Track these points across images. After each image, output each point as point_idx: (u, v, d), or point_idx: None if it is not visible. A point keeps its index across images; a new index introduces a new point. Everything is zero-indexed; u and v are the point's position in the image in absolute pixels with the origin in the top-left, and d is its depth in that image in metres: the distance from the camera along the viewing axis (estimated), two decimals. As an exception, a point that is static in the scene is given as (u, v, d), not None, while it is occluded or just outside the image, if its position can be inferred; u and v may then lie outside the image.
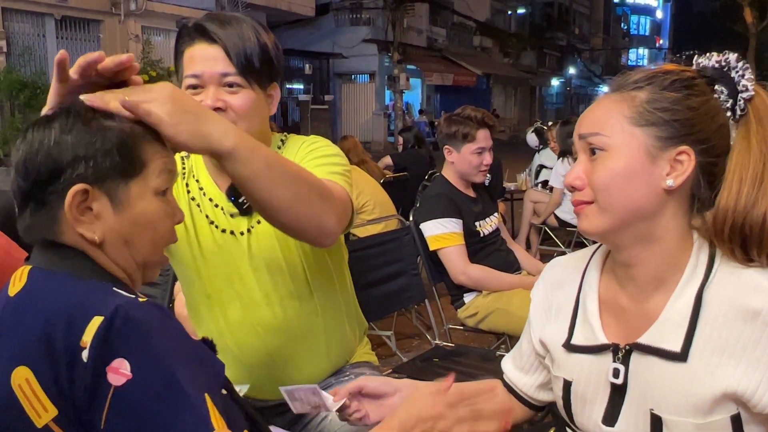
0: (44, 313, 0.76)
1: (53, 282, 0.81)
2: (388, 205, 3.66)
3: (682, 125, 0.89)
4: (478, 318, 2.42)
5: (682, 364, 0.89)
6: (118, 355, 0.72)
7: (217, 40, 1.18)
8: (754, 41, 19.84)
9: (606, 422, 0.97)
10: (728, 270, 0.90)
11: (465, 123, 2.42)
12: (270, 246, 1.27)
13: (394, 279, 2.34)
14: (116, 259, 0.85)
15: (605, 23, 41.65)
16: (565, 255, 1.16)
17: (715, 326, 0.88)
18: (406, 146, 5.69)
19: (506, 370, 1.19)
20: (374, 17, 19.92)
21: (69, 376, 0.73)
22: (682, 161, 0.89)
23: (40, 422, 0.74)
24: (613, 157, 0.90)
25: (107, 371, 0.72)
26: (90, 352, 0.72)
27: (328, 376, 1.40)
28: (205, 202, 1.30)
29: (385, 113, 20.30)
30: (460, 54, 23.63)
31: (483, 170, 2.45)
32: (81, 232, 0.81)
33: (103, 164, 0.81)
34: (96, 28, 11.93)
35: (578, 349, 1.01)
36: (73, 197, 0.79)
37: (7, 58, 10.31)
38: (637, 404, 0.94)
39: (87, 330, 0.73)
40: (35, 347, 0.74)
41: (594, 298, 1.02)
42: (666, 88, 0.91)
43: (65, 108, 0.84)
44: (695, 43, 19.27)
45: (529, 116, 27.81)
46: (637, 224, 0.92)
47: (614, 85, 0.95)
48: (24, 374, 0.74)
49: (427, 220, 2.40)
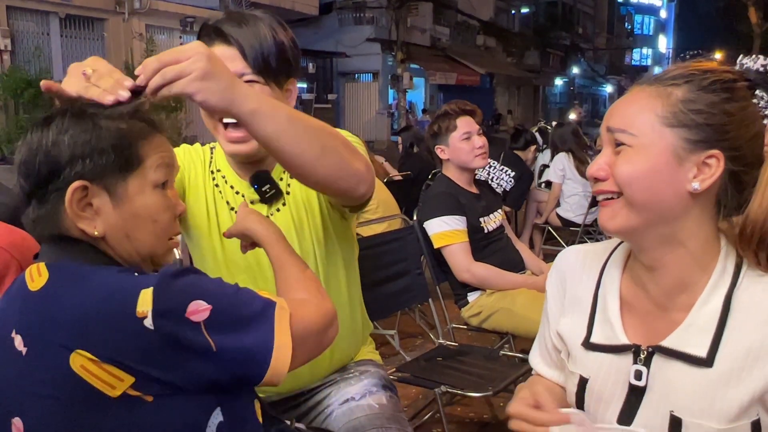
0: (86, 299, 0.80)
1: (78, 271, 0.84)
2: (392, 204, 3.65)
3: (715, 130, 0.86)
4: (481, 317, 2.42)
5: (707, 370, 0.88)
6: (189, 300, 0.80)
7: (233, 42, 1.20)
8: (758, 41, 19.76)
9: (621, 422, 0.96)
10: (756, 275, 0.89)
11: (444, 118, 2.48)
12: (287, 234, 1.28)
13: (398, 278, 2.34)
14: (120, 252, 0.89)
15: (609, 23, 41.55)
16: (581, 245, 1.13)
17: (744, 332, 0.87)
18: (405, 146, 5.69)
19: (542, 372, 1.15)
20: (378, 16, 19.89)
21: (136, 345, 0.78)
22: (711, 165, 0.87)
23: (115, 392, 0.78)
24: (638, 154, 0.88)
25: (188, 317, 0.80)
26: (156, 318, 0.78)
27: (333, 372, 1.40)
28: (227, 190, 1.33)
29: (388, 112, 20.28)
30: (463, 53, 23.59)
31: (479, 154, 2.45)
32: (82, 227, 0.86)
33: (99, 162, 0.85)
34: (100, 27, 11.94)
35: (597, 348, 1.00)
36: (72, 194, 0.84)
37: (12, 56, 10.33)
38: (656, 406, 0.93)
39: (139, 302, 0.78)
40: (86, 331, 0.78)
41: (615, 296, 1.00)
42: (704, 89, 0.87)
43: (62, 109, 0.88)
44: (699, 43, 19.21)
45: (533, 116, 27.77)
46: (661, 225, 0.90)
47: (652, 77, 0.92)
48: (82, 357, 0.78)
49: (430, 218, 2.41)
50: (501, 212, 2.59)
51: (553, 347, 1.11)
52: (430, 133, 2.55)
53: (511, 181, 4.66)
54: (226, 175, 1.35)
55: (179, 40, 13.43)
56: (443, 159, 2.50)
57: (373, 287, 2.16)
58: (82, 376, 0.78)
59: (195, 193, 1.33)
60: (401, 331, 3.00)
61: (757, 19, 19.64)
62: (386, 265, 2.31)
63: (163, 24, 12.88)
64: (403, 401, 2.03)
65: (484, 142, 2.47)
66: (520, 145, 5.12)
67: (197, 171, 1.35)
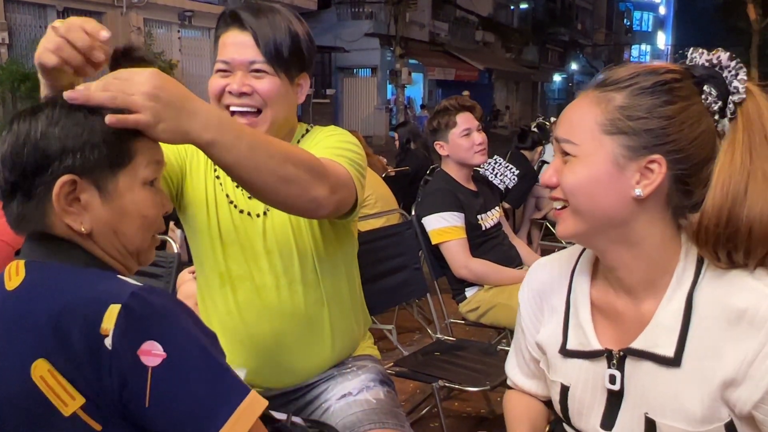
0: (56, 304, 0.76)
1: (56, 273, 0.82)
2: (390, 199, 3.65)
3: (653, 135, 0.85)
4: (479, 312, 2.43)
5: (676, 369, 0.88)
6: (147, 338, 0.74)
7: (248, 28, 1.22)
8: (757, 38, 19.74)
9: (604, 426, 0.96)
10: (716, 272, 0.88)
11: (443, 114, 2.46)
12: (283, 230, 1.30)
13: (396, 273, 2.34)
14: (106, 248, 0.86)
15: (608, 19, 41.51)
16: (548, 255, 1.14)
17: (706, 329, 0.86)
18: (402, 142, 5.69)
19: (520, 385, 1.16)
20: (376, 11, 19.86)
21: (93, 364, 0.73)
22: (653, 170, 0.86)
23: (67, 410, 0.74)
24: (580, 163, 0.88)
25: (139, 355, 0.73)
26: (114, 340, 0.73)
27: (331, 367, 1.40)
28: (227, 182, 1.33)
29: (386, 108, 20.27)
30: (462, 49, 23.56)
31: (478, 150, 2.44)
32: (68, 222, 0.82)
33: (90, 156, 0.81)
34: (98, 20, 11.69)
35: (573, 354, 1.00)
36: (60, 188, 0.80)
37: (9, 49, 10.30)
38: (632, 409, 0.93)
39: (105, 318, 0.73)
40: (52, 339, 0.74)
41: (585, 302, 1.00)
42: (643, 92, 0.86)
43: (51, 99, 0.84)
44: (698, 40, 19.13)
45: (531, 112, 27.76)
46: (611, 229, 0.90)
47: (598, 79, 0.91)
48: (44, 366, 0.74)
49: (429, 214, 2.41)
50: (499, 209, 2.59)
51: (531, 358, 1.11)
52: (429, 128, 2.54)
53: (514, 178, 4.69)
54: None
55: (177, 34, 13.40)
56: (442, 155, 2.50)
57: (371, 282, 2.16)
58: (39, 387, 0.74)
59: (195, 183, 1.34)
60: (399, 326, 3.00)
61: (755, 15, 19.62)
62: (384, 259, 2.31)
63: (161, 17, 12.85)
64: (401, 396, 2.03)
65: (484, 139, 2.47)
66: (528, 145, 5.12)
67: (199, 160, 1.35)
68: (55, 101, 0.84)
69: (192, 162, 1.34)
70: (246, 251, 1.31)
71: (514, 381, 1.18)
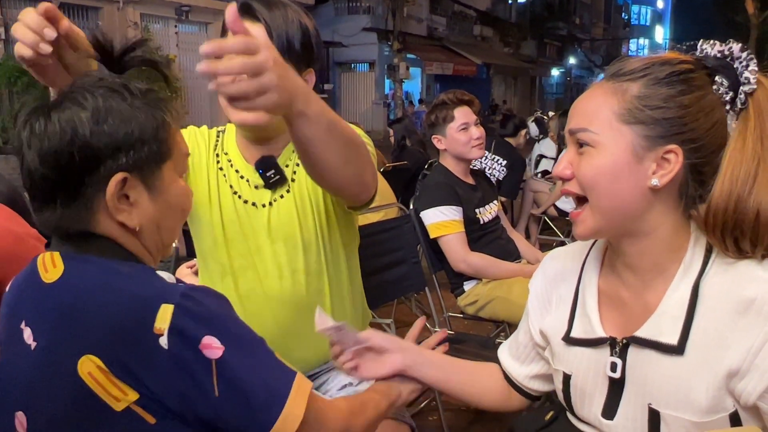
0: (105, 300, 0.77)
1: (98, 267, 0.81)
2: (388, 193, 3.65)
3: (671, 124, 0.86)
4: (477, 306, 2.43)
5: (679, 358, 0.88)
6: (206, 334, 0.77)
7: (261, 20, 1.22)
8: (755, 32, 19.77)
9: (605, 415, 0.97)
10: (724, 261, 0.88)
11: (441, 108, 2.46)
12: (289, 220, 1.32)
13: (395, 267, 2.35)
14: (148, 243, 0.86)
15: (606, 13, 41.47)
16: (564, 246, 1.15)
17: (712, 318, 0.86)
18: (397, 139, 5.68)
19: (502, 359, 1.19)
20: (374, 6, 19.81)
21: (148, 362, 0.75)
22: (669, 160, 0.86)
23: (119, 406, 0.75)
24: (599, 153, 0.88)
25: (201, 350, 0.76)
26: (171, 339, 0.75)
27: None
28: (231, 173, 1.34)
29: (384, 102, 20.25)
30: (460, 43, 23.52)
31: (476, 144, 2.44)
32: (122, 220, 0.82)
33: (141, 153, 0.81)
34: (95, 16, 11.86)
35: (577, 342, 1.01)
36: (115, 186, 0.79)
37: (6, 44, 10.26)
38: (635, 398, 0.93)
39: (158, 317, 0.75)
40: (101, 336, 0.75)
41: (593, 290, 1.01)
42: (659, 83, 0.87)
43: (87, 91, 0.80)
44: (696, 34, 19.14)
45: (529, 106, 27.75)
46: (626, 223, 0.91)
47: (610, 71, 0.92)
48: (92, 362, 0.75)
49: (427, 208, 2.41)
50: (497, 203, 2.60)
51: (529, 342, 1.13)
52: (427, 122, 2.54)
53: (503, 170, 4.64)
54: (232, 158, 1.36)
55: (174, 29, 13.36)
56: (440, 149, 2.50)
57: (370, 276, 2.16)
58: (87, 383, 0.75)
59: (198, 175, 1.35)
60: (397, 320, 3.00)
61: (753, 9, 19.62)
62: (382, 254, 2.31)
63: (158, 13, 12.80)
64: (400, 389, 2.04)
65: (482, 133, 2.47)
66: (509, 131, 5.03)
67: (201, 152, 1.36)
68: (94, 95, 0.79)
69: (193, 156, 1.35)
70: (249, 241, 1.33)
71: (499, 356, 1.21)
